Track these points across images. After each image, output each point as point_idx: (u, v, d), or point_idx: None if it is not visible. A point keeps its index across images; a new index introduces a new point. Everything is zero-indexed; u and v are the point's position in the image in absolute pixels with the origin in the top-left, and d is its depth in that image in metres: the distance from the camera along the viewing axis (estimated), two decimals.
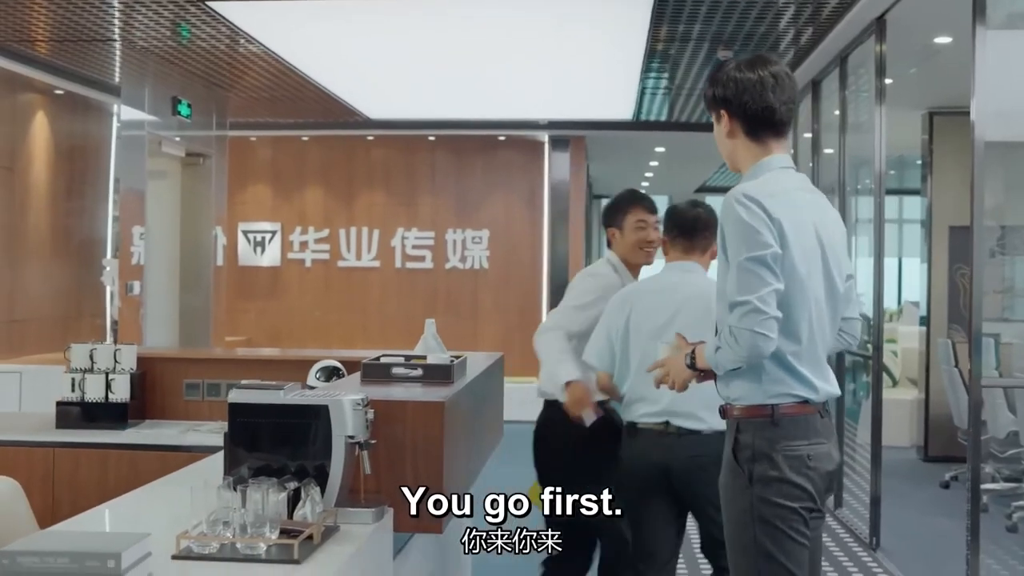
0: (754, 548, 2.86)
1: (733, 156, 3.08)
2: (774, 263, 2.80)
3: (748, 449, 2.87)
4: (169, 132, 9.31)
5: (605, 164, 15.99)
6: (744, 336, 2.77)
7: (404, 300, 13.29)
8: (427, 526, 3.24)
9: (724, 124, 3.04)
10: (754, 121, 3.00)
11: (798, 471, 2.84)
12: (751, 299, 2.77)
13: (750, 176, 3.01)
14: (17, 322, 8.97)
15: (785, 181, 2.98)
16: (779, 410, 2.86)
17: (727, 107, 3.02)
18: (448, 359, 3.95)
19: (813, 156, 8.95)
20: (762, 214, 2.84)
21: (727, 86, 3.02)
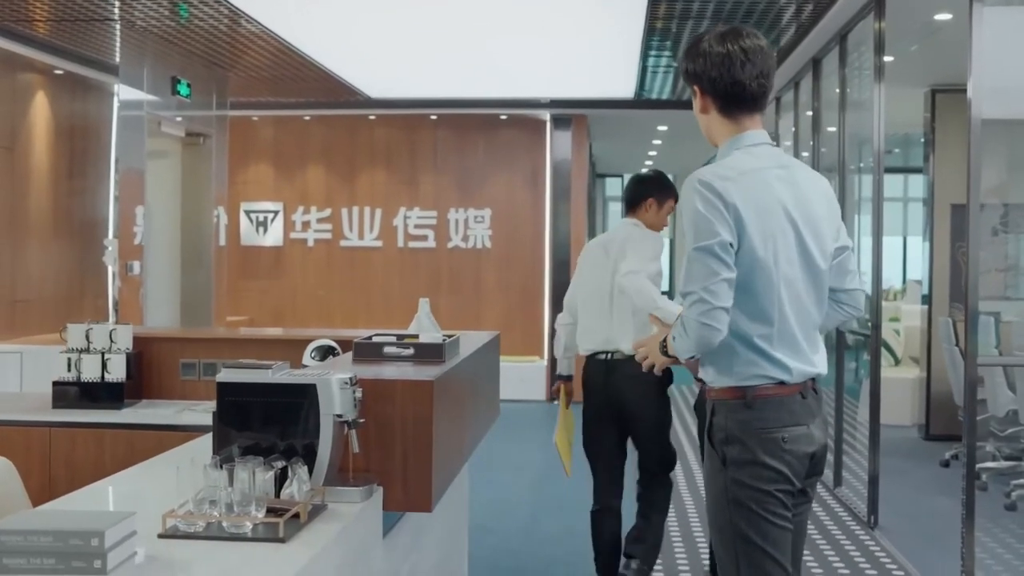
0: (730, 530, 2.87)
1: (709, 132, 3.07)
2: (723, 252, 2.78)
3: (722, 431, 2.89)
4: (169, 112, 9.30)
5: (608, 143, 15.96)
6: (691, 326, 2.79)
7: (407, 279, 13.29)
8: (416, 504, 3.25)
9: (698, 100, 3.03)
10: (725, 97, 2.97)
11: (772, 454, 2.83)
12: (696, 290, 2.78)
13: (723, 153, 3.00)
14: (19, 302, 9.00)
15: (755, 160, 2.94)
16: (752, 392, 2.85)
17: (699, 83, 3.00)
18: (440, 338, 3.95)
19: (814, 134, 8.93)
20: (715, 200, 2.81)
21: (697, 61, 3.00)
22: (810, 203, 2.97)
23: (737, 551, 2.87)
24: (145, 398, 4.95)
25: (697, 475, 7.91)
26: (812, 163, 9.04)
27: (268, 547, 2.57)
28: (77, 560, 2.30)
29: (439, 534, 4.45)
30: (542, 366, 12.61)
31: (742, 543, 2.86)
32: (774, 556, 2.86)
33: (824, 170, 8.76)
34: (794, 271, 2.90)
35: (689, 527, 6.56)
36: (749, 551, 2.86)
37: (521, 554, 6.04)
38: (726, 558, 2.93)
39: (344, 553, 2.83)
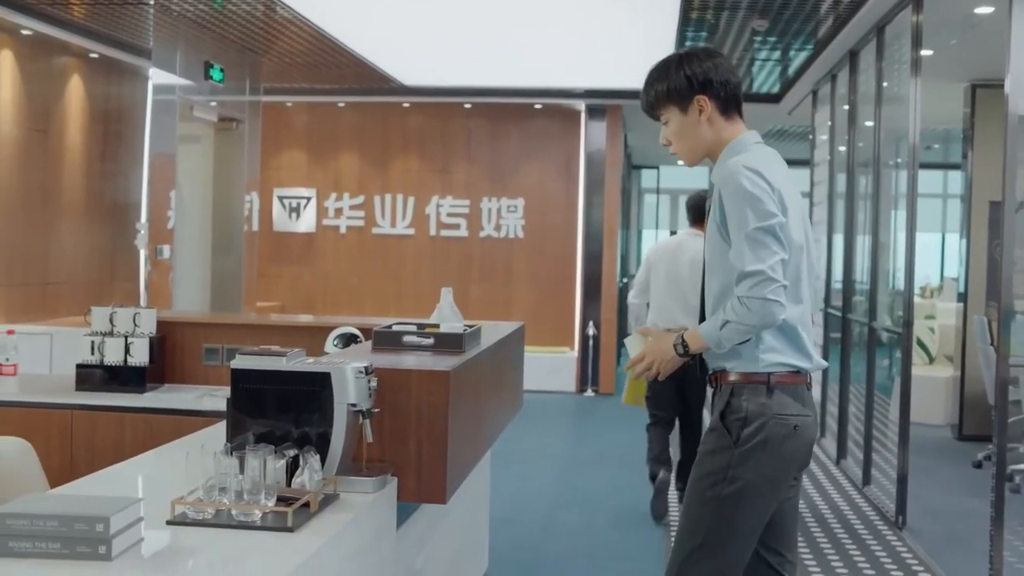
0: (715, 504, 2.91)
1: (707, 142, 3.09)
2: (781, 232, 2.87)
3: (740, 412, 2.93)
4: (201, 96, 9.31)
5: (643, 134, 15.82)
6: (756, 304, 2.82)
7: (438, 268, 13.27)
8: (430, 495, 3.22)
9: (701, 111, 3.05)
10: (728, 99, 3.07)
11: (784, 440, 2.91)
12: (763, 268, 2.82)
13: (729, 154, 3.05)
14: (51, 284, 9.04)
15: (770, 154, 3.06)
16: (775, 378, 2.92)
17: (707, 90, 3.05)
18: (461, 328, 3.91)
19: (850, 128, 8.82)
20: (765, 184, 2.90)
21: (706, 69, 3.05)
22: (800, 196, 3.09)
23: (711, 527, 2.91)
24: (168, 383, 4.95)
25: None
26: (847, 158, 8.93)
27: (276, 536, 2.55)
28: (82, 545, 2.29)
29: (457, 525, 4.42)
30: (572, 357, 12.56)
31: (722, 520, 2.90)
32: (742, 540, 2.92)
33: (859, 165, 8.66)
34: (808, 258, 3.04)
35: None
36: (727, 525, 2.90)
37: (541, 547, 6.01)
38: (694, 530, 2.94)
39: (354, 543, 2.81)
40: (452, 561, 4.36)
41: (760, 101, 12.38)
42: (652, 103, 3.13)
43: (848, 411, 8.46)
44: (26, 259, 8.71)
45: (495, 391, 4.19)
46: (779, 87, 11.66)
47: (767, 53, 9.98)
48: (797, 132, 15.40)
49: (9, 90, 8.45)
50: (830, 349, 9.39)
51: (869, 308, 7.77)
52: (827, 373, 9.37)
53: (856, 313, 8.46)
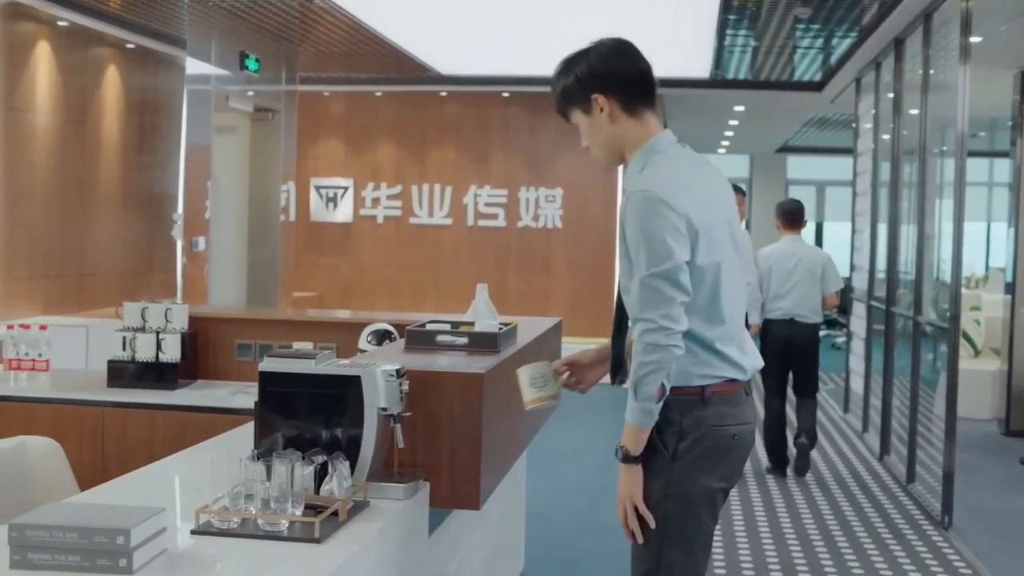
0: (662, 522, 2.77)
1: (617, 143, 2.91)
2: (681, 275, 2.70)
3: (675, 426, 2.79)
4: (237, 86, 9.26)
5: (683, 122, 15.67)
6: (651, 350, 2.68)
7: (476, 258, 13.19)
8: (464, 501, 3.14)
9: (601, 109, 2.87)
10: (631, 90, 2.87)
11: (722, 451, 2.81)
12: (654, 317, 2.68)
13: (640, 160, 2.85)
14: (87, 276, 9.04)
15: (682, 161, 2.86)
16: (708, 389, 2.80)
17: (601, 85, 2.87)
18: (496, 326, 3.82)
19: (895, 117, 8.64)
20: (669, 214, 2.70)
21: (594, 61, 2.88)
22: (726, 197, 2.96)
23: (664, 540, 2.79)
24: (200, 378, 4.89)
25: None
26: (892, 146, 8.75)
27: (302, 547, 2.47)
28: (102, 558, 2.23)
29: (492, 526, 4.34)
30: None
31: (672, 538, 2.79)
32: (697, 555, 2.82)
33: (905, 153, 8.48)
34: (734, 268, 2.88)
35: (755, 523, 6.39)
36: (679, 543, 2.79)
37: (578, 545, 5.91)
38: (646, 553, 2.81)
39: (384, 553, 2.73)
40: (487, 563, 4.27)
41: (802, 89, 12.20)
42: (557, 106, 2.97)
43: (891, 406, 8.30)
44: (62, 250, 8.71)
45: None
46: (821, 75, 11.48)
47: (810, 41, 9.81)
48: (839, 120, 15.19)
49: (46, 81, 8.43)
50: (873, 342, 9.23)
51: (914, 301, 7.60)
52: (870, 367, 9.21)
53: (900, 306, 8.29)
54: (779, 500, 6.85)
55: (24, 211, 8.19)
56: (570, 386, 3.08)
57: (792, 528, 6.22)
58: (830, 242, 18.77)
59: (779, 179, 20.49)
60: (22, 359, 4.82)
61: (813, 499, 6.91)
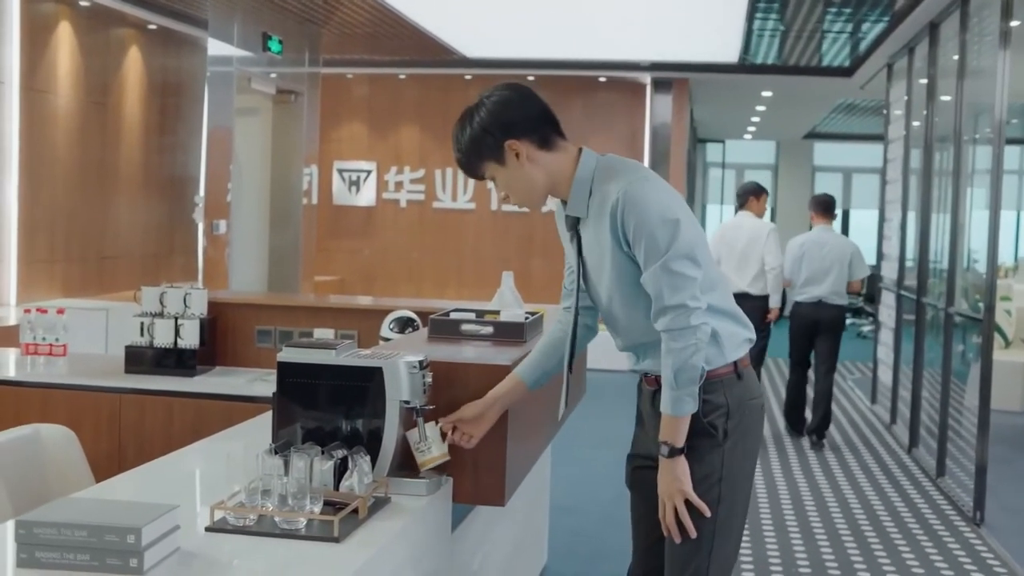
0: (713, 507, 2.76)
1: (540, 182, 2.82)
2: (696, 250, 2.71)
3: (723, 407, 2.78)
4: (259, 68, 9.17)
5: (710, 107, 15.53)
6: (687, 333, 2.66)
7: (499, 243, 13.09)
8: (488, 497, 3.03)
9: (518, 156, 2.78)
10: (541, 130, 2.80)
11: (758, 423, 2.88)
12: (684, 301, 2.67)
13: (583, 186, 2.80)
14: (108, 259, 8.98)
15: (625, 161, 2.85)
16: (740, 364, 2.83)
17: (511, 132, 2.77)
18: (522, 316, 3.71)
19: (928, 103, 8.47)
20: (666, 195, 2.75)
21: (498, 113, 2.78)
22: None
23: (716, 526, 2.77)
24: (219, 365, 4.80)
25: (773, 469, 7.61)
26: (924, 133, 8.59)
27: (321, 546, 2.37)
28: (112, 557, 2.14)
29: (516, 521, 4.24)
30: None
31: (725, 516, 2.78)
32: (739, 539, 2.87)
33: (937, 140, 8.32)
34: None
35: (783, 518, 6.27)
36: (728, 523, 2.80)
37: (603, 537, 5.81)
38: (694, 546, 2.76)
39: (406, 551, 2.63)
40: (510, 558, 4.18)
41: (831, 75, 12.03)
42: (467, 165, 2.86)
43: (921, 397, 8.16)
44: (83, 233, 8.65)
45: (559, 383, 3.98)
46: (851, 60, 11.30)
47: (840, 26, 9.65)
48: (868, 107, 15.00)
49: (67, 62, 8.36)
50: (903, 332, 9.09)
51: (947, 291, 7.45)
52: (899, 357, 9.06)
53: (931, 296, 8.14)
54: (807, 495, 6.73)
55: (45, 194, 8.12)
56: (459, 443, 2.93)
57: (820, 523, 6.10)
58: (856, 230, 18.56)
59: (806, 166, 20.28)
60: (39, 344, 4.73)
61: (842, 493, 6.78)
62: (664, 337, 2.68)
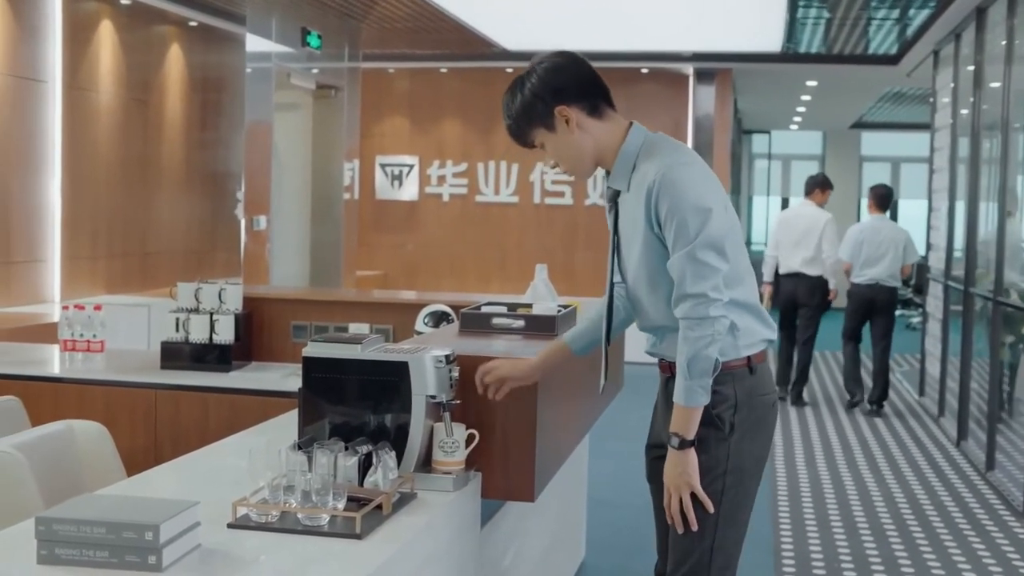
0: (717, 503, 2.74)
1: (589, 151, 2.83)
2: (725, 242, 2.69)
3: (730, 399, 2.75)
4: (299, 64, 9.18)
5: (754, 98, 15.38)
6: (706, 324, 2.64)
7: (542, 236, 13.04)
8: (517, 493, 3.00)
9: (568, 122, 2.79)
10: (592, 97, 2.80)
11: (767, 419, 2.84)
12: (705, 291, 2.64)
13: (628, 159, 2.80)
14: (150, 255, 9.03)
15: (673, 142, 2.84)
16: (754, 358, 2.80)
17: (562, 98, 2.78)
18: (555, 309, 3.68)
19: (975, 90, 8.32)
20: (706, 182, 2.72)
21: (545, 78, 2.79)
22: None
23: (719, 518, 2.75)
24: (255, 360, 4.81)
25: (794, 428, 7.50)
26: (972, 120, 8.43)
27: (343, 543, 2.35)
28: (131, 554, 2.12)
29: (551, 514, 4.20)
30: None
31: (729, 509, 2.75)
32: (743, 529, 2.83)
33: (985, 128, 8.16)
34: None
35: (826, 513, 6.19)
36: (732, 516, 2.77)
37: (642, 531, 5.69)
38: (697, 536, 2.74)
39: (430, 548, 2.60)
40: (545, 553, 4.14)
41: (877, 63, 11.87)
42: (517, 133, 2.87)
43: (969, 389, 8.02)
44: (126, 229, 8.70)
45: (590, 376, 3.93)
46: (897, 48, 11.13)
47: (885, 12, 9.50)
48: (916, 95, 14.78)
49: (109, 60, 8.41)
50: (951, 322, 8.94)
51: (995, 281, 7.31)
52: (947, 348, 8.93)
53: (979, 286, 8.00)
54: (851, 488, 6.64)
55: (87, 190, 8.18)
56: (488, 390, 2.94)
57: (864, 518, 6.00)
58: (904, 220, 18.29)
59: (853, 156, 20.04)
60: (77, 340, 4.76)
61: (887, 487, 6.68)
62: (682, 324, 2.67)
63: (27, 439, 3.21)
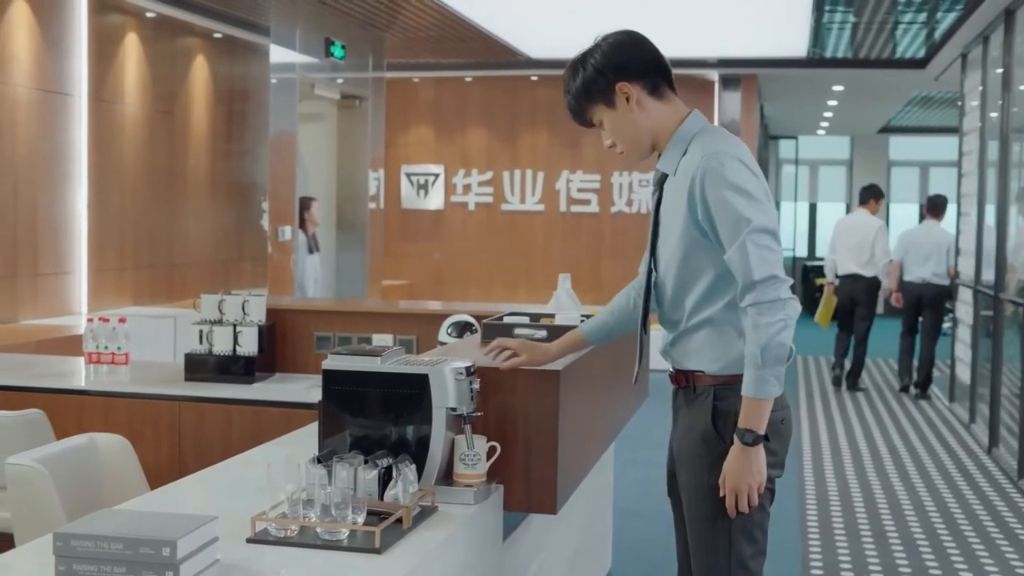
0: (728, 521, 2.70)
1: (647, 131, 2.82)
2: (777, 231, 2.69)
3: (732, 416, 2.68)
4: (322, 74, 9.20)
5: (780, 103, 15.31)
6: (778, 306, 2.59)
7: (568, 245, 13.02)
8: (540, 505, 2.97)
9: (627, 98, 2.78)
10: (654, 77, 2.80)
11: (774, 437, 2.70)
12: (774, 273, 2.61)
13: (680, 144, 2.78)
14: (177, 266, 9.07)
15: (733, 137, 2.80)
16: None
17: (623, 74, 2.78)
18: (577, 319, 3.64)
19: (1004, 93, 8.24)
20: (754, 176, 2.68)
21: (613, 54, 2.79)
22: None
23: (731, 542, 2.71)
24: (279, 371, 4.80)
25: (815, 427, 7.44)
26: (1001, 124, 8.35)
27: (363, 557, 2.33)
28: (147, 571, 2.11)
29: (575, 525, 4.17)
30: None
31: (739, 533, 2.70)
32: (762, 547, 2.76)
33: (1014, 131, 8.08)
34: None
35: (855, 521, 6.13)
36: (743, 541, 2.71)
37: (670, 542, 5.67)
38: (714, 551, 2.73)
39: (451, 561, 2.57)
40: (570, 564, 4.11)
41: (904, 67, 11.79)
42: (575, 108, 2.85)
43: (1001, 396, 7.93)
44: (152, 241, 8.74)
45: (614, 385, 3.91)
46: (925, 51, 11.05)
47: (912, 16, 9.43)
48: (944, 99, 14.67)
49: (135, 72, 8.46)
50: (981, 328, 8.85)
51: None
52: (977, 355, 8.83)
53: (1009, 292, 7.91)
54: (880, 497, 6.57)
55: (114, 202, 8.22)
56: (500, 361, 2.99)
57: (894, 526, 5.94)
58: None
59: (881, 160, 19.91)
60: (102, 352, 4.76)
61: (917, 495, 6.61)
62: (751, 313, 2.60)
63: (50, 453, 3.21)
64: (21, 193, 7.25)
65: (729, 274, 2.67)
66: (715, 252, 2.69)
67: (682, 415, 2.85)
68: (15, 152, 7.19)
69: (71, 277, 7.79)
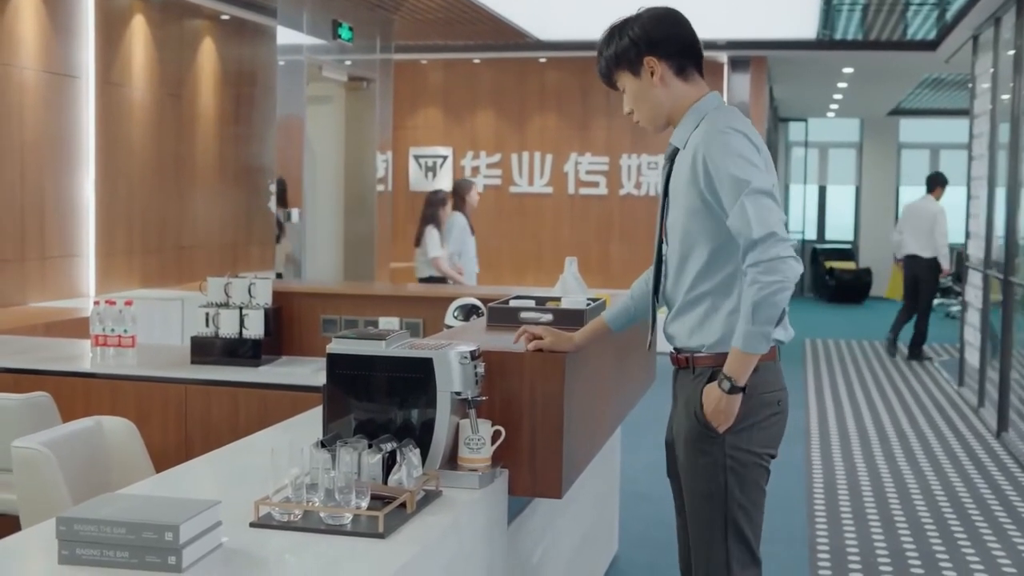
0: (723, 497, 2.78)
1: (665, 106, 2.90)
2: (776, 193, 2.74)
3: None
4: (330, 56, 9.17)
5: (790, 86, 15.24)
6: (776, 264, 2.63)
7: (577, 227, 12.99)
8: (544, 489, 2.97)
9: (653, 73, 2.87)
10: (683, 58, 2.88)
11: (770, 418, 2.80)
12: (774, 231, 2.64)
13: (695, 117, 2.86)
14: (185, 249, 9.06)
15: (742, 115, 2.87)
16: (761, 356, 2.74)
17: (655, 50, 2.86)
18: (583, 302, 3.63)
19: (1015, 76, 8.18)
20: (753, 146, 2.74)
21: (651, 29, 2.87)
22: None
23: (727, 517, 2.78)
24: (285, 354, 4.80)
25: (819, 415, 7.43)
26: (1013, 107, 8.30)
27: (366, 542, 2.33)
28: (151, 555, 2.11)
29: (582, 508, 4.16)
30: None
31: (735, 509, 2.78)
32: (758, 522, 2.83)
33: None
34: None
35: (863, 506, 6.11)
36: (739, 517, 2.78)
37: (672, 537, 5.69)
38: (711, 526, 2.81)
39: (456, 545, 2.57)
40: (576, 548, 4.10)
41: (915, 49, 11.72)
42: (604, 71, 2.96)
43: (1010, 379, 7.90)
44: (160, 224, 8.73)
45: (620, 369, 3.90)
46: (935, 33, 10.98)
47: None
48: (955, 81, 14.59)
49: (142, 55, 8.44)
50: (990, 311, 8.82)
51: None
52: (986, 338, 8.80)
53: (1019, 275, 7.88)
54: (888, 481, 6.55)
55: (122, 186, 8.21)
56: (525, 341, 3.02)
57: (902, 511, 5.92)
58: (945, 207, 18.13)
59: (891, 143, 19.83)
60: (108, 335, 4.75)
61: (925, 480, 6.59)
62: (751, 272, 2.65)
63: (56, 436, 3.21)
64: (29, 176, 7.25)
65: (727, 247, 2.73)
66: (714, 222, 2.75)
67: (681, 395, 2.91)
68: (23, 135, 7.19)
69: (79, 260, 7.79)
